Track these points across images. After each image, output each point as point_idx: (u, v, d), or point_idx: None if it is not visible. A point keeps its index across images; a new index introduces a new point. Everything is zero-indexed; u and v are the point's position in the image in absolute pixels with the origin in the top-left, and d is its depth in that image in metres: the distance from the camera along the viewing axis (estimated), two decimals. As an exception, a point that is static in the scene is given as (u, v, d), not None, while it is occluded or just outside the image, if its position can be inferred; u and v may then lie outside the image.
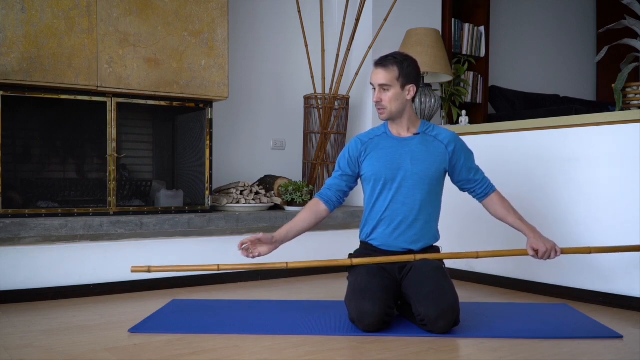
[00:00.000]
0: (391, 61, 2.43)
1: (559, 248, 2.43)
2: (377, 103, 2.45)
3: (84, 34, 3.03)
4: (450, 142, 2.48)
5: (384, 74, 2.42)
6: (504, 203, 2.54)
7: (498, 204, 2.54)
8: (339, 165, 2.56)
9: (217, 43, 3.41)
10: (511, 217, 2.51)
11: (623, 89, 3.00)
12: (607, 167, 2.83)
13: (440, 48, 3.83)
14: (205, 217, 3.26)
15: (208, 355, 1.96)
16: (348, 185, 2.56)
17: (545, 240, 2.44)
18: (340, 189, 2.55)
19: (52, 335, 2.22)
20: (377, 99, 2.44)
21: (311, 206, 2.53)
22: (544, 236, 2.46)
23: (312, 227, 2.52)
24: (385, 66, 2.43)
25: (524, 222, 2.50)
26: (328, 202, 2.53)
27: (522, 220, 2.50)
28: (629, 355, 2.00)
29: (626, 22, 3.06)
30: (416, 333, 2.23)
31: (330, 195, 2.53)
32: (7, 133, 2.97)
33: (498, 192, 2.57)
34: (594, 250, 2.48)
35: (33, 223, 2.82)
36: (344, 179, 2.54)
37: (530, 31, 6.02)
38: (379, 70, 2.44)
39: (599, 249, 2.52)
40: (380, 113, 2.47)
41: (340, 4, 4.32)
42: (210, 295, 3.00)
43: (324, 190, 2.56)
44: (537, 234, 2.46)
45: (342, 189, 2.55)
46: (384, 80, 2.42)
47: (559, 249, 2.43)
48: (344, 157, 2.55)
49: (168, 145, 3.79)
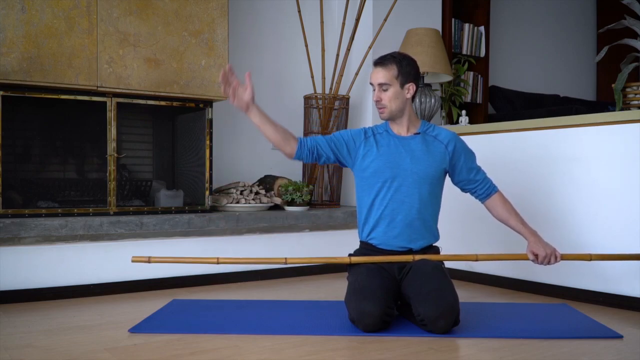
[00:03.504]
0: (390, 60, 2.43)
1: (559, 254, 2.42)
2: (377, 102, 2.45)
3: (84, 34, 3.03)
4: (450, 141, 2.48)
5: (383, 73, 2.42)
6: (506, 205, 2.54)
7: (500, 205, 2.53)
8: (335, 135, 2.51)
9: (217, 43, 3.41)
10: (512, 219, 2.51)
11: (623, 89, 3.00)
12: (607, 167, 2.83)
13: (440, 48, 3.83)
14: (205, 217, 3.26)
15: (208, 355, 1.96)
16: (327, 153, 2.48)
17: (546, 245, 2.43)
18: (319, 147, 2.48)
19: (52, 335, 2.22)
20: (377, 98, 2.44)
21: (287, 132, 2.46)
22: (545, 241, 2.45)
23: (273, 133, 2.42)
24: (384, 65, 2.42)
25: (526, 226, 2.49)
26: (301, 145, 2.45)
27: (523, 224, 2.50)
28: (629, 355, 2.00)
29: (626, 22, 3.05)
30: (416, 333, 2.23)
31: (307, 143, 2.46)
32: (7, 133, 2.97)
33: (500, 193, 2.56)
34: (594, 257, 2.45)
35: (33, 223, 2.82)
36: (329, 146, 2.49)
37: (530, 31, 6.02)
38: (378, 69, 2.43)
39: (599, 255, 2.49)
40: (381, 112, 2.46)
41: (340, 4, 4.32)
42: (210, 295, 3.00)
43: (307, 138, 2.49)
44: (537, 239, 2.45)
45: (321, 150, 2.48)
46: (383, 79, 2.41)
47: (559, 255, 2.42)
48: (343, 133, 2.52)
49: (168, 145, 3.79)
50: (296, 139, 2.48)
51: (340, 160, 2.53)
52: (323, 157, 2.50)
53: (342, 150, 2.50)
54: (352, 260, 2.45)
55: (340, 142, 2.50)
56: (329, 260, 2.54)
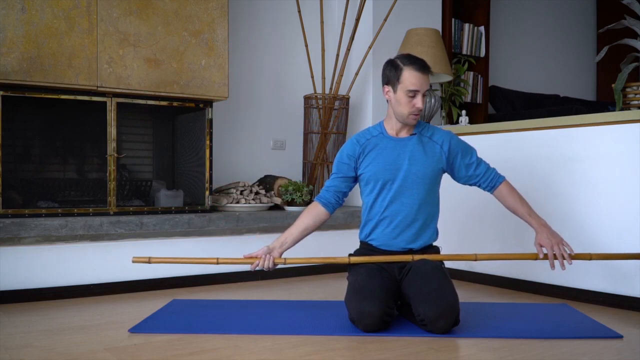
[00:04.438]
0: (429, 68, 2.43)
1: (566, 245, 2.35)
2: (416, 109, 2.39)
3: (84, 34, 3.03)
4: (444, 141, 2.48)
5: (428, 80, 2.41)
6: (513, 194, 2.51)
7: (506, 196, 2.51)
8: (337, 167, 2.55)
9: (217, 43, 3.41)
10: (520, 209, 2.48)
11: (623, 89, 3.00)
12: (607, 167, 2.83)
13: (440, 48, 3.83)
14: (205, 217, 3.26)
15: (208, 355, 1.96)
16: (347, 186, 2.55)
17: (552, 234, 2.38)
18: (339, 190, 2.54)
19: (52, 335, 2.22)
20: (422, 105, 2.39)
21: (310, 210, 2.52)
22: (552, 230, 2.40)
23: (311, 231, 2.51)
24: (428, 71, 2.41)
25: (533, 216, 2.45)
26: (327, 204, 2.52)
27: (530, 214, 2.46)
28: (629, 355, 2.00)
29: (626, 22, 3.05)
30: (416, 333, 2.23)
31: (329, 198, 2.53)
32: (7, 133, 2.97)
33: (507, 182, 2.53)
34: (594, 256, 2.42)
35: (33, 223, 2.82)
36: (342, 180, 2.54)
37: (530, 31, 6.02)
38: (425, 75, 2.39)
39: (599, 255, 2.46)
40: (416, 118, 2.43)
41: (340, 4, 4.32)
42: (210, 295, 3.00)
43: (322, 192, 2.55)
44: (544, 229, 2.40)
45: (341, 189, 2.55)
46: (428, 87, 2.42)
47: (567, 247, 2.35)
48: (341, 159, 2.53)
49: (168, 145, 3.79)
50: (319, 205, 2.51)
51: (356, 179, 2.56)
52: (347, 191, 2.57)
53: (351, 172, 2.52)
54: (352, 260, 2.45)
55: (345, 168, 2.52)
56: (328, 260, 2.54)
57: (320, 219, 2.52)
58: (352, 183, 2.56)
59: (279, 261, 2.40)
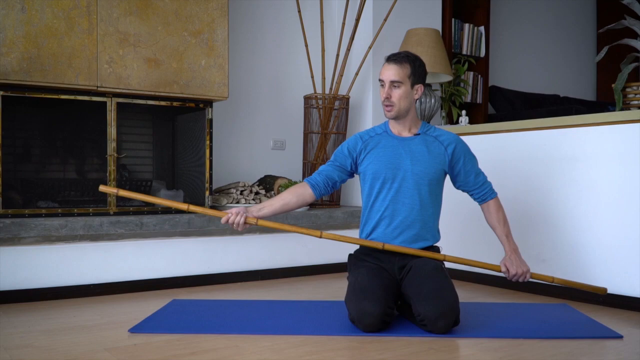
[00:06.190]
0: (404, 58, 2.42)
1: (529, 275, 2.44)
2: (385, 99, 2.41)
3: (84, 34, 3.03)
4: (450, 144, 2.47)
5: (396, 70, 2.39)
6: (498, 213, 2.53)
7: (492, 212, 2.54)
8: (336, 156, 2.55)
9: (217, 43, 3.41)
10: (499, 229, 2.51)
11: (623, 89, 3.00)
12: (607, 167, 2.83)
13: (440, 48, 3.83)
14: (205, 217, 3.26)
15: (208, 355, 1.96)
16: (339, 176, 2.53)
17: (521, 263, 2.44)
18: (330, 177, 2.52)
19: (52, 335, 2.22)
20: (387, 94, 2.40)
21: (296, 188, 2.51)
22: (522, 259, 2.47)
23: (292, 208, 2.49)
24: (399, 62, 2.40)
25: (509, 240, 2.49)
26: (315, 186, 2.50)
27: (507, 237, 2.50)
28: (629, 355, 2.00)
29: (626, 22, 3.06)
30: (416, 333, 2.23)
31: (319, 181, 2.51)
32: (7, 133, 2.97)
33: (497, 200, 2.55)
34: (556, 280, 2.50)
35: (33, 223, 2.82)
36: (336, 169, 2.53)
37: (530, 31, 6.02)
38: (392, 65, 2.41)
39: (561, 280, 2.53)
40: (388, 110, 2.43)
41: (340, 4, 4.33)
42: (210, 295, 3.00)
43: (314, 175, 2.54)
44: (515, 255, 2.46)
45: (333, 177, 2.53)
46: (396, 77, 2.39)
47: (530, 275, 2.44)
48: (342, 150, 2.54)
49: (168, 145, 3.79)
50: (307, 185, 2.50)
51: (351, 173, 2.56)
52: (338, 181, 2.55)
53: (348, 164, 2.52)
54: (323, 235, 2.40)
55: (344, 158, 2.52)
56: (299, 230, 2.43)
57: (303, 199, 2.49)
58: (345, 175, 2.55)
59: (251, 221, 2.35)
